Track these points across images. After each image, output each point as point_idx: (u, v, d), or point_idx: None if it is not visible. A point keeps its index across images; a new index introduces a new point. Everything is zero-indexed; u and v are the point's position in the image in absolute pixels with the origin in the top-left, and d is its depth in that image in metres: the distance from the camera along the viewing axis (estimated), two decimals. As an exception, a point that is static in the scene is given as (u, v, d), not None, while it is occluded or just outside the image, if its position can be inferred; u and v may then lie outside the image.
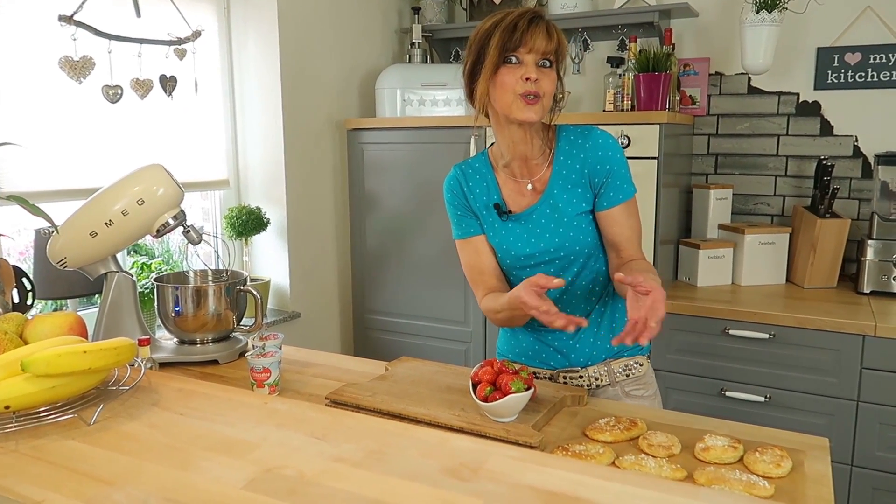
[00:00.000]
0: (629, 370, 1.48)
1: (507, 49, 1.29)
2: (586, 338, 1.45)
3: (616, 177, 1.37)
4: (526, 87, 1.28)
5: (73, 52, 2.01)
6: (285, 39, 2.64)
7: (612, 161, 1.37)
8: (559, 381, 1.48)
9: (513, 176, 1.43)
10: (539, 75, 1.29)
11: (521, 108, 1.30)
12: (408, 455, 0.71)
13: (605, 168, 1.37)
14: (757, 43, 2.35)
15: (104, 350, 0.87)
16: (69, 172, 2.14)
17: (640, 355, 1.50)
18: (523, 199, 1.42)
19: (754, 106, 2.67)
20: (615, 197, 1.37)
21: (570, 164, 1.39)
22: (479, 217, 1.46)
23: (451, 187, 1.49)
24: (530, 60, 1.29)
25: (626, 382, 1.47)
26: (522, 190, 1.42)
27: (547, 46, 1.29)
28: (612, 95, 2.64)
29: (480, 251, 1.47)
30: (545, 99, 1.31)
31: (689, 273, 2.54)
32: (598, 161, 1.37)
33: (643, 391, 1.48)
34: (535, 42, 1.28)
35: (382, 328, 2.93)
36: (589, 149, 1.37)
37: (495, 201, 1.42)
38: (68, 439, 0.79)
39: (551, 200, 1.39)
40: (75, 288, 1.93)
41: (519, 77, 1.29)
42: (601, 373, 1.46)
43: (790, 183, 2.66)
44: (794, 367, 2.15)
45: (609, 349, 1.47)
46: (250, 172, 2.79)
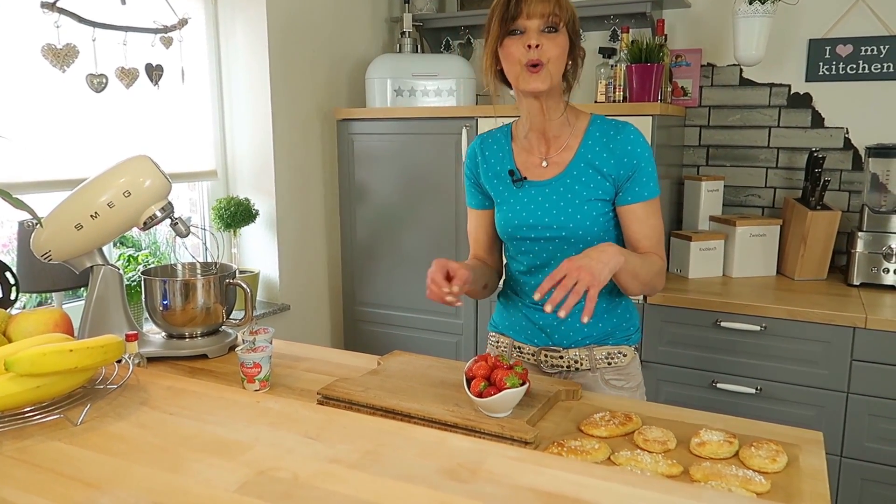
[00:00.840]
0: (612, 359, 1.47)
1: (507, 20, 1.29)
2: (572, 321, 1.44)
3: (642, 174, 1.37)
4: (529, 55, 1.28)
5: (57, 39, 1.97)
6: (274, 28, 2.60)
7: (640, 158, 1.37)
8: (541, 358, 1.49)
9: (529, 148, 1.44)
10: (542, 41, 1.28)
11: (526, 78, 1.30)
12: (404, 456, 0.70)
13: (633, 163, 1.36)
14: (749, 34, 2.34)
15: (91, 348, 0.85)
16: (53, 163, 2.10)
17: (625, 345, 1.49)
18: (537, 171, 1.43)
19: (746, 97, 2.67)
20: (639, 193, 1.37)
21: (598, 152, 1.38)
22: (490, 187, 1.48)
23: (469, 157, 1.54)
24: (533, 27, 1.28)
25: (606, 370, 1.47)
26: (537, 163, 1.43)
27: (546, 9, 1.27)
28: (603, 86, 2.62)
29: (479, 224, 1.54)
30: (551, 65, 1.30)
31: (680, 265, 2.54)
32: (626, 154, 1.36)
33: (624, 382, 1.48)
34: (532, 8, 1.27)
35: (373, 320, 2.91)
36: (620, 141, 1.37)
37: (509, 168, 1.44)
38: (54, 440, 0.77)
39: (568, 180, 1.39)
40: (60, 281, 1.90)
41: (522, 46, 1.29)
42: (582, 357, 1.46)
43: (781, 175, 2.66)
44: (785, 359, 2.15)
45: (594, 335, 1.46)
46: (238, 163, 2.75)
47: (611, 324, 1.47)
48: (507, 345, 1.56)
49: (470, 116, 2.56)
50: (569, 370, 1.48)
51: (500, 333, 1.58)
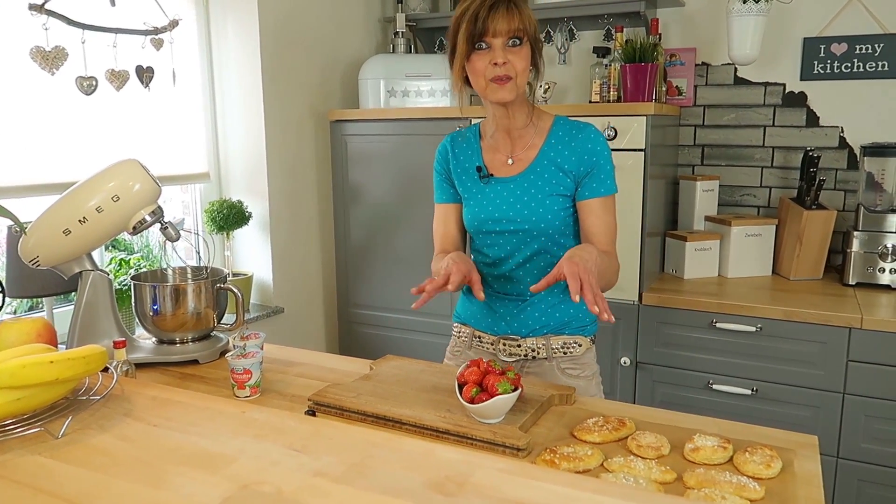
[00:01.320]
0: (567, 348, 1.53)
1: (473, 38, 1.36)
2: (531, 311, 1.52)
3: (601, 171, 1.46)
4: (495, 71, 1.36)
5: (45, 42, 1.95)
6: (266, 29, 2.59)
7: (599, 155, 1.46)
8: (499, 346, 1.55)
9: (496, 147, 1.52)
10: (509, 56, 1.36)
11: (493, 90, 1.38)
12: (391, 468, 0.69)
13: (592, 160, 1.45)
14: (744, 33, 2.33)
15: (72, 359, 0.83)
16: (43, 167, 2.08)
17: (580, 335, 1.54)
18: (503, 168, 1.50)
19: (741, 96, 2.66)
20: (597, 189, 1.46)
21: (560, 150, 1.46)
22: (459, 183, 1.55)
23: (440, 153, 1.60)
24: (498, 44, 1.36)
25: (562, 359, 1.53)
26: (503, 161, 1.51)
27: (510, 25, 1.35)
28: (598, 86, 2.61)
29: (448, 218, 1.59)
30: (518, 77, 1.38)
31: (675, 265, 2.53)
32: (586, 152, 1.45)
33: (579, 371, 1.54)
34: (497, 25, 1.34)
35: (367, 322, 2.89)
36: (581, 140, 1.46)
37: (477, 164, 1.52)
38: (34, 454, 0.75)
39: (532, 176, 1.47)
40: (50, 286, 1.88)
41: (488, 62, 1.36)
42: (539, 346, 1.52)
43: (776, 174, 2.65)
44: (781, 360, 2.14)
45: (551, 325, 1.52)
46: (231, 165, 2.73)
47: (567, 314, 1.53)
48: (468, 334, 1.62)
49: (463, 117, 2.55)
50: (526, 359, 1.54)
51: (463, 323, 1.64)
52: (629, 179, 2.27)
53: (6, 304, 2.27)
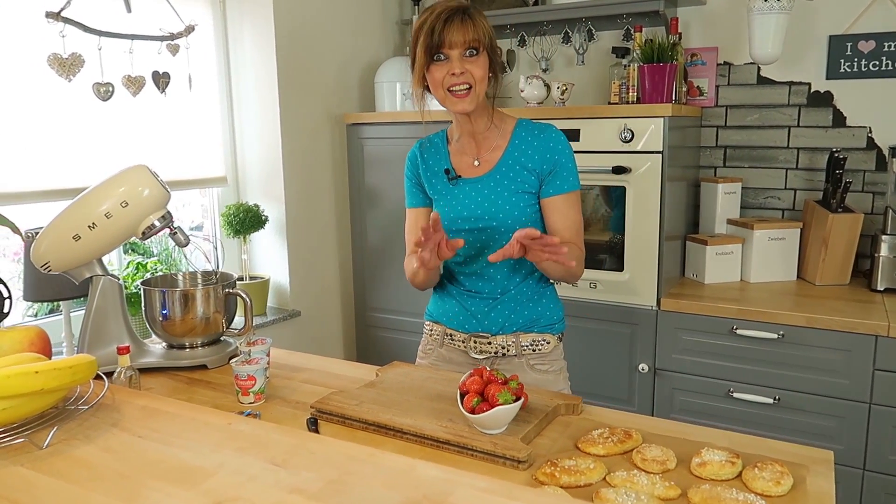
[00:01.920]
0: (536, 345, 1.57)
1: (431, 50, 1.42)
2: (502, 309, 1.56)
3: (563, 169, 1.51)
4: (452, 80, 1.42)
5: (62, 49, 1.98)
6: (281, 33, 2.59)
7: (561, 154, 1.51)
8: (470, 344, 1.58)
9: (462, 150, 1.58)
10: (466, 65, 1.42)
11: (452, 101, 1.44)
12: (369, 485, 0.67)
13: (555, 158, 1.50)
14: (765, 32, 2.26)
15: (58, 370, 0.83)
16: (61, 173, 2.11)
17: (548, 333, 1.58)
18: (469, 170, 1.56)
19: (764, 96, 2.59)
20: (560, 186, 1.51)
21: (524, 150, 1.52)
22: (429, 186, 1.60)
23: (410, 160, 1.66)
24: (455, 55, 1.42)
25: (531, 356, 1.57)
26: (469, 163, 1.57)
27: (465, 37, 1.40)
28: (616, 87, 2.56)
29: (420, 221, 1.63)
30: (477, 86, 1.43)
31: (696, 270, 2.47)
32: (549, 151, 1.50)
33: (547, 367, 1.58)
34: (453, 38, 1.40)
35: (384, 326, 2.88)
36: (543, 139, 1.52)
37: (445, 167, 1.57)
38: (17, 465, 0.75)
39: (498, 176, 1.52)
40: (65, 290, 1.90)
41: (447, 72, 1.42)
42: (509, 343, 1.56)
43: (801, 176, 2.57)
44: (804, 368, 2.08)
45: (520, 323, 1.56)
46: (248, 169, 2.75)
47: (536, 312, 1.57)
48: (439, 332, 1.65)
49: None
50: (496, 356, 1.57)
51: (434, 321, 1.67)
52: (646, 182, 2.23)
53: (27, 308, 2.31)
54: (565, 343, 1.66)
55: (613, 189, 2.31)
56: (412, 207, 1.66)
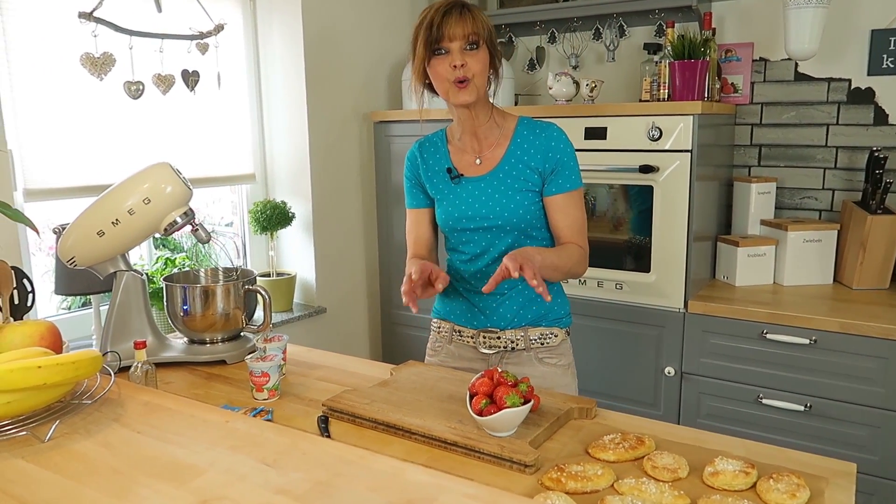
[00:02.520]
0: (544, 339, 1.58)
1: (431, 44, 1.43)
2: (509, 305, 1.57)
3: (565, 168, 1.51)
4: (455, 73, 1.42)
5: (94, 48, 2.02)
6: (310, 31, 2.61)
7: (563, 153, 1.51)
8: (479, 339, 1.59)
9: (463, 148, 1.57)
10: (466, 59, 1.42)
11: (455, 93, 1.45)
12: (355, 488, 0.66)
13: (556, 157, 1.50)
14: (801, 26, 2.19)
15: (61, 365, 0.85)
16: (92, 169, 2.16)
17: (556, 327, 1.59)
18: (471, 168, 1.56)
19: (802, 93, 2.51)
20: (562, 185, 1.51)
21: (526, 148, 1.52)
22: (430, 186, 1.60)
23: (409, 160, 1.65)
24: (455, 48, 1.42)
25: (539, 350, 1.58)
26: (471, 161, 1.56)
27: (465, 30, 1.41)
28: (648, 84, 2.51)
29: (420, 222, 1.65)
30: (477, 79, 1.44)
31: (727, 272, 2.41)
32: (551, 150, 1.51)
33: (556, 360, 1.59)
34: (452, 30, 1.41)
35: (409, 324, 2.88)
36: (545, 138, 1.52)
37: (447, 166, 1.57)
38: (17, 458, 0.77)
39: (501, 175, 1.52)
40: (95, 284, 1.94)
41: (448, 65, 1.43)
42: (518, 337, 1.57)
43: (840, 176, 2.48)
44: (838, 375, 2.01)
45: (528, 317, 1.58)
46: (277, 166, 2.77)
47: (544, 306, 1.58)
48: (447, 329, 1.65)
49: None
50: (506, 350, 1.58)
51: (442, 319, 1.68)
52: (674, 182, 2.18)
53: (61, 301, 2.38)
54: (588, 345, 1.65)
55: (640, 188, 2.26)
56: (413, 208, 1.66)
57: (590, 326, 2.36)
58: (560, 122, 2.33)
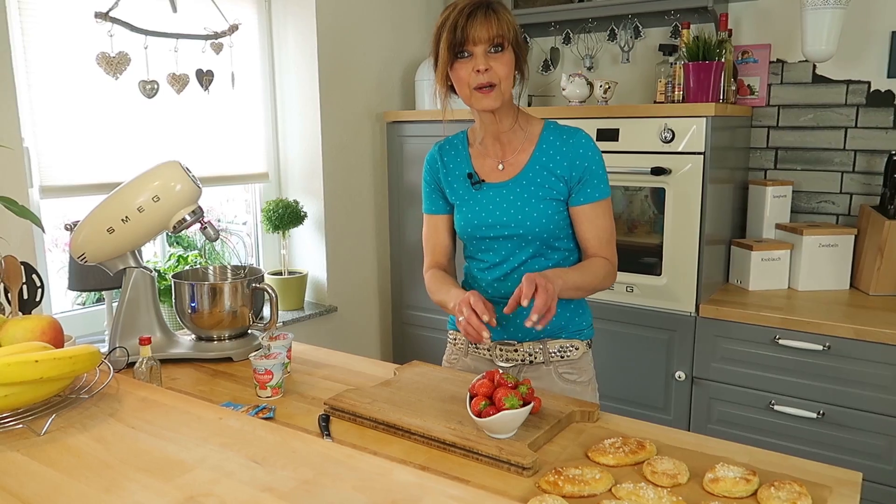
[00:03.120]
0: (564, 352, 1.51)
1: (454, 47, 1.36)
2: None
3: (593, 176, 1.44)
4: (478, 79, 1.36)
5: (110, 48, 2.04)
6: (323, 31, 2.62)
7: (591, 161, 1.45)
8: (496, 352, 1.54)
9: (486, 153, 1.51)
10: (491, 62, 1.36)
11: (478, 98, 1.38)
12: (340, 487, 0.66)
13: (584, 165, 1.44)
14: (819, 28, 2.15)
15: (58, 359, 0.86)
16: (107, 167, 2.19)
17: (577, 339, 1.53)
18: (493, 174, 1.49)
19: (820, 96, 2.47)
20: (590, 195, 1.45)
21: (552, 155, 1.45)
22: (450, 191, 1.54)
23: (429, 163, 1.59)
24: (479, 51, 1.35)
25: (559, 364, 1.51)
26: (493, 166, 1.50)
27: (489, 33, 1.34)
28: (662, 85, 2.49)
29: (439, 228, 1.59)
30: (502, 84, 1.37)
31: (740, 276, 2.38)
32: (578, 157, 1.44)
33: (576, 376, 1.52)
34: (476, 33, 1.34)
35: (420, 324, 2.88)
36: (573, 145, 1.45)
37: (468, 171, 1.51)
38: (13, 451, 0.78)
39: (524, 181, 1.46)
40: (107, 280, 1.97)
41: (471, 70, 1.36)
42: (536, 350, 1.51)
43: (858, 180, 2.44)
44: (852, 383, 1.97)
45: (547, 328, 1.48)
46: (290, 166, 2.79)
47: (564, 318, 1.51)
48: (463, 341, 1.59)
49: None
50: (523, 363, 1.52)
51: (458, 331, 1.61)
52: (686, 184, 2.15)
53: (76, 296, 2.41)
54: (597, 348, 1.61)
55: (652, 191, 2.24)
56: (431, 214, 1.60)
57: (600, 329, 2.33)
58: (572, 123, 2.32)
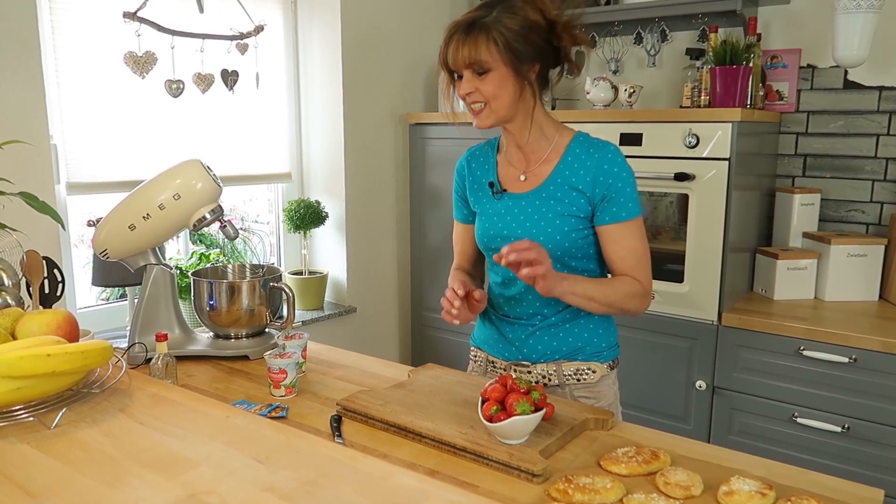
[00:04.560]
0: (580, 375, 1.45)
1: (448, 69, 1.35)
2: (541, 335, 1.46)
3: (620, 194, 1.36)
4: (467, 99, 1.34)
5: (137, 47, 2.08)
6: (348, 33, 2.63)
7: (617, 178, 1.36)
8: (511, 372, 1.50)
9: (510, 161, 1.47)
10: (476, 84, 1.31)
11: (473, 117, 1.37)
12: (341, 490, 0.66)
13: (609, 182, 1.36)
14: (850, 32, 2.11)
15: (70, 353, 0.87)
16: (133, 165, 2.22)
17: (595, 362, 1.45)
18: (516, 184, 1.45)
19: (851, 102, 2.41)
20: (616, 214, 1.37)
21: (576, 169, 1.39)
22: (474, 199, 1.51)
23: (458, 171, 1.57)
24: (467, 74, 1.32)
25: (575, 387, 1.46)
26: (516, 176, 1.45)
27: (468, 56, 1.28)
28: (689, 90, 2.46)
29: (464, 237, 1.58)
30: (494, 103, 1.32)
31: (765, 285, 2.33)
32: (602, 174, 1.36)
33: (594, 401, 1.45)
34: (458, 57, 1.30)
35: (439, 326, 2.88)
36: (598, 160, 1.37)
37: (490, 180, 1.48)
38: (23, 443, 0.79)
39: (544, 194, 1.40)
40: (129, 277, 2.00)
41: (463, 91, 1.34)
42: (550, 372, 1.46)
43: (889, 188, 2.38)
44: (878, 397, 1.92)
45: (563, 350, 1.45)
46: (313, 166, 2.81)
47: (581, 339, 1.45)
48: (483, 359, 1.57)
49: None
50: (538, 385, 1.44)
51: (478, 348, 1.59)
52: (710, 191, 2.12)
53: (100, 292, 2.45)
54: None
55: (676, 196, 2.21)
56: (458, 221, 1.59)
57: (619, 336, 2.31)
58: (595, 127, 2.31)
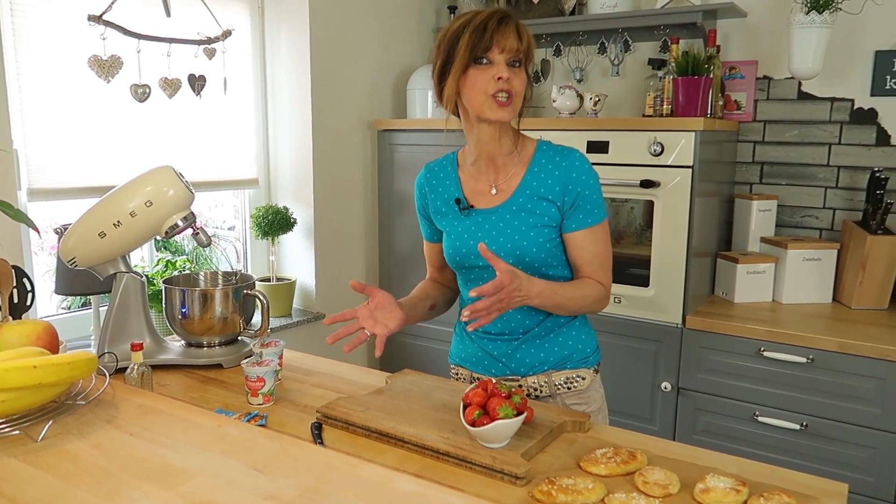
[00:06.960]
0: (571, 383, 1.46)
1: (476, 50, 1.29)
2: (527, 348, 1.44)
3: (587, 201, 1.37)
4: (498, 86, 1.29)
5: (103, 51, 2.04)
6: (316, 38, 2.63)
7: (585, 185, 1.37)
8: None
9: (477, 175, 1.44)
10: (510, 75, 1.30)
11: (493, 108, 1.31)
12: (342, 496, 0.66)
13: (577, 190, 1.37)
14: (805, 46, 2.20)
15: (56, 365, 0.85)
16: (98, 170, 2.18)
17: (583, 368, 1.46)
18: (484, 198, 1.42)
19: (805, 112, 2.51)
20: (583, 220, 1.38)
21: (543, 179, 1.38)
22: (438, 217, 1.48)
23: (417, 189, 1.54)
24: (501, 60, 1.30)
25: (567, 395, 1.45)
26: (485, 191, 1.43)
27: (518, 46, 1.30)
28: (651, 99, 2.52)
29: (432, 255, 1.57)
30: (517, 98, 1.32)
31: (726, 288, 2.41)
32: (570, 181, 1.37)
33: (585, 406, 1.46)
34: (507, 42, 1.28)
35: (408, 332, 2.88)
36: (567, 168, 1.38)
37: (456, 196, 1.44)
38: (10, 457, 0.77)
39: (514, 207, 1.39)
40: (95, 285, 1.95)
41: (490, 77, 1.29)
42: (541, 383, 1.45)
43: (841, 195, 2.49)
44: (835, 395, 2.00)
45: (551, 361, 1.44)
46: (280, 172, 2.79)
47: (567, 347, 1.45)
48: (466, 377, 1.54)
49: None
50: (529, 398, 1.44)
51: (459, 365, 1.56)
52: (674, 197, 2.18)
53: (61, 301, 2.38)
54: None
55: (641, 203, 2.27)
56: (425, 239, 1.57)
57: (588, 339, 2.36)
58: (562, 135, 2.35)
